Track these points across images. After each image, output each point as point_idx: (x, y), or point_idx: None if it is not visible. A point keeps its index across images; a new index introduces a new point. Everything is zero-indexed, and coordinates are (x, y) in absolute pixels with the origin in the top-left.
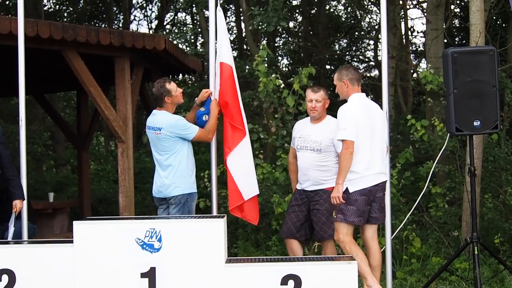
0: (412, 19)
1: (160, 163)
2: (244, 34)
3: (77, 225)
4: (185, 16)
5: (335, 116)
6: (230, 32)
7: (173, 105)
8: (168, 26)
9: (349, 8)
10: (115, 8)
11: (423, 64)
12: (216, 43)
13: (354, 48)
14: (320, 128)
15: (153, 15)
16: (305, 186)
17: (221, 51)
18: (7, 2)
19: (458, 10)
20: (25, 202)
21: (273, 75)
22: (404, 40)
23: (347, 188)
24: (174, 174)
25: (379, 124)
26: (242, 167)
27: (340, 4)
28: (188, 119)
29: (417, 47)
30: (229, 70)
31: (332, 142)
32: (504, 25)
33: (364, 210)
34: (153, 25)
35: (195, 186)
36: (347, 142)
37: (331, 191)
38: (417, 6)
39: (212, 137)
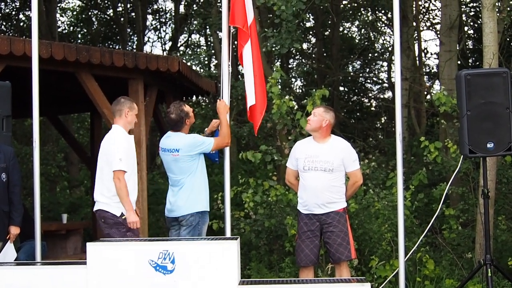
0: (425, 40)
1: (174, 183)
2: None
3: (91, 247)
4: (199, 38)
5: (344, 138)
6: None
7: (189, 126)
8: (182, 48)
9: (363, 30)
10: (129, 30)
11: (437, 86)
12: (229, 64)
13: (367, 69)
14: (329, 148)
15: (167, 37)
16: (313, 209)
17: None
18: (21, 24)
19: (471, 31)
20: (38, 223)
21: (287, 97)
22: (417, 62)
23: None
24: (188, 194)
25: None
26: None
27: (354, 26)
28: None
29: (431, 69)
30: None
31: (342, 162)
32: None
33: None
34: (167, 47)
35: (208, 206)
36: None
37: (342, 212)
38: (431, 28)
39: (229, 141)
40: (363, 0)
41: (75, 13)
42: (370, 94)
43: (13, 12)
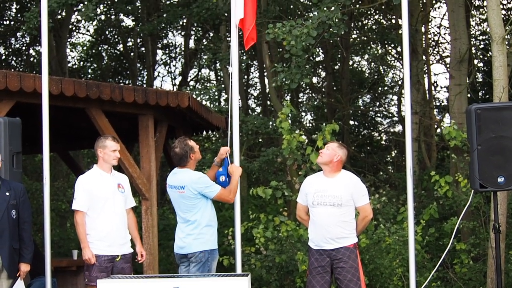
0: (435, 74)
1: (182, 220)
2: (267, 90)
3: (101, 284)
4: (208, 73)
5: (355, 172)
6: (254, 88)
7: (195, 162)
8: (191, 83)
9: (373, 64)
10: (139, 65)
11: (447, 119)
12: (239, 99)
13: (377, 103)
14: (338, 182)
15: (177, 72)
16: (323, 245)
17: None
18: (31, 59)
19: (481, 64)
20: (48, 259)
21: (297, 131)
22: (427, 95)
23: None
24: (196, 231)
25: None
26: None
27: (364, 60)
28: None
29: (441, 102)
30: None
31: (351, 197)
32: None
33: None
34: (177, 81)
35: (216, 243)
36: None
37: (352, 248)
38: (440, 61)
39: (234, 198)
40: (373, 34)
41: (85, 48)
42: (380, 128)
43: (23, 48)
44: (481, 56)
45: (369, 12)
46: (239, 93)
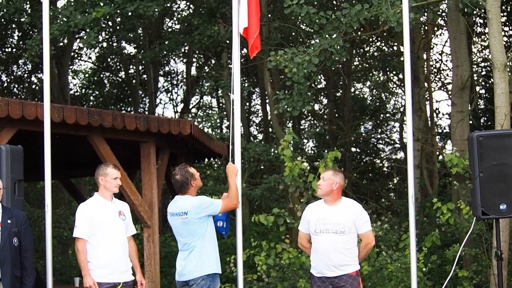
0: (437, 101)
1: (184, 247)
2: (269, 117)
3: None
4: (210, 100)
5: (356, 199)
6: (256, 115)
7: (196, 189)
8: (193, 110)
9: (374, 91)
10: (140, 92)
11: (449, 146)
12: (241, 126)
13: (379, 130)
14: (340, 210)
15: (179, 99)
16: (326, 272)
17: None
18: (33, 86)
19: (483, 91)
20: (49, 287)
21: (299, 159)
22: (429, 122)
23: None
24: (197, 257)
25: None
26: None
27: (365, 87)
28: None
29: (443, 129)
30: None
31: (354, 224)
32: None
33: None
34: (179, 109)
35: (219, 267)
36: None
37: (355, 275)
38: (442, 88)
39: (238, 203)
40: (374, 61)
41: (87, 75)
42: (382, 155)
43: (25, 75)
44: (483, 83)
45: (370, 39)
46: (241, 120)
